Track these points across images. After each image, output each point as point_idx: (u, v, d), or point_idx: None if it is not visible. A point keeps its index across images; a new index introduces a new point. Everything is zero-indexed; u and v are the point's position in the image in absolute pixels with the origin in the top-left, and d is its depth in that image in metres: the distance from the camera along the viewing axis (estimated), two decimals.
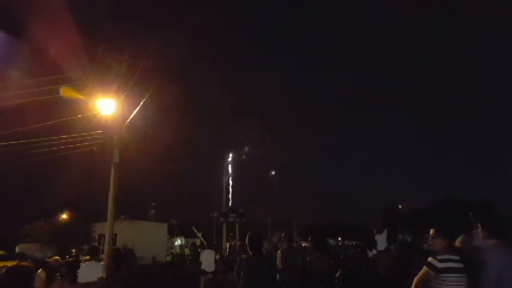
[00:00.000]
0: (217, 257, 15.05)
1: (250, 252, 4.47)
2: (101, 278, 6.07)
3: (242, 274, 4.30)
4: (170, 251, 41.79)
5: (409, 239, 13.74)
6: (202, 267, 11.33)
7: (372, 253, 11.96)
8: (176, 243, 47.10)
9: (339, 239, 55.22)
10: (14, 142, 12.19)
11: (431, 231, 3.73)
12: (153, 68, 13.11)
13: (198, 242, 40.56)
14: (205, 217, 45.79)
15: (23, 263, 3.07)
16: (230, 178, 35.14)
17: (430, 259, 3.45)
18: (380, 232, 11.38)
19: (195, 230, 42.53)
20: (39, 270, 8.19)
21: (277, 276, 7.74)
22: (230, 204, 33.03)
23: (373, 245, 11.75)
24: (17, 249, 34.18)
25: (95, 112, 12.79)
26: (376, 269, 9.99)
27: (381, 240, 11.71)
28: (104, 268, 6.35)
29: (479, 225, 3.81)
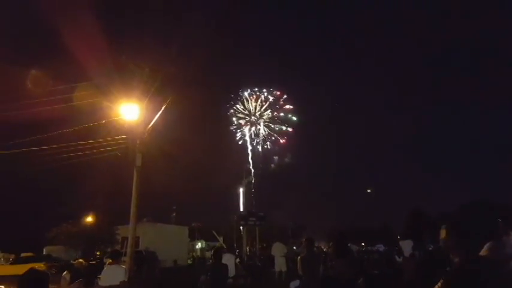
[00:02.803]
0: (237, 261, 15.01)
1: (214, 260, 6.58)
2: (123, 281, 6.12)
3: (208, 274, 6.44)
4: (191, 254, 42.08)
5: (430, 247, 13.26)
6: None
7: (398, 259, 11.67)
8: (197, 247, 47.41)
9: (362, 244, 54.16)
10: (45, 147, 12.58)
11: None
12: (174, 74, 13.30)
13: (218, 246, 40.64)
14: (226, 220, 45.97)
15: (38, 268, 3.14)
16: (250, 180, 35.18)
17: (448, 270, 3.27)
18: (404, 239, 11.11)
19: (216, 235, 42.66)
20: (65, 272, 8.39)
21: (298, 283, 7.64)
22: (249, 207, 33.03)
23: (400, 251, 11.43)
24: (44, 251, 35.18)
25: (118, 117, 13.05)
26: (401, 275, 9.72)
27: (406, 247, 11.40)
28: (126, 271, 6.40)
29: (510, 231, 3.61)
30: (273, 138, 64.34)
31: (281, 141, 62.03)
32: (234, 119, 63.52)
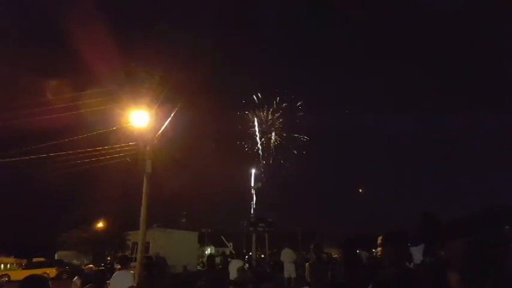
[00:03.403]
0: (245, 266, 14.97)
1: (207, 266, 7.61)
2: (132, 287, 6.17)
3: (203, 279, 7.43)
4: (201, 259, 42.13)
5: (443, 253, 12.95)
6: (230, 277, 11.31)
7: (409, 266, 11.47)
8: (206, 252, 47.46)
9: (373, 250, 53.56)
10: (56, 154, 12.78)
11: None
12: (184, 80, 13.44)
13: (227, 252, 40.70)
14: (236, 226, 46.04)
15: (37, 274, 3.21)
16: (259, 186, 35.20)
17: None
18: (415, 245, 10.91)
19: (225, 240, 42.70)
20: (75, 278, 8.53)
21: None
22: (259, 212, 32.99)
23: (410, 257, 11.22)
24: (56, 256, 35.63)
25: (128, 124, 13.22)
26: (411, 283, 9.59)
27: (416, 253, 11.22)
28: (135, 277, 6.45)
29: None
30: (286, 148, 63.61)
31: (294, 151, 61.49)
32: (240, 126, 63.06)
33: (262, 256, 35.54)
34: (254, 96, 61.48)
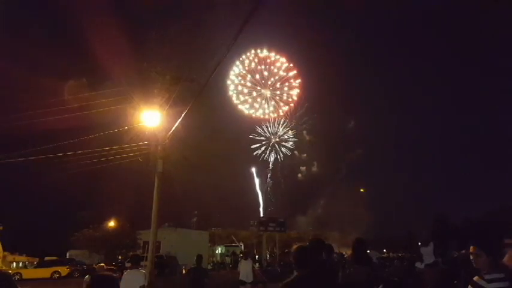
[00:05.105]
0: (256, 266, 15.00)
1: (195, 264, 8.86)
2: (143, 286, 6.17)
3: (190, 275, 8.77)
4: (211, 259, 42.26)
5: (455, 255, 12.72)
6: (240, 278, 11.32)
7: (420, 266, 11.31)
8: (217, 252, 47.63)
9: (384, 250, 53.06)
10: (69, 153, 12.96)
11: (471, 248, 3.45)
12: (195, 81, 13.49)
13: (238, 251, 40.76)
14: (246, 226, 46.04)
15: (106, 273, 3.15)
16: (270, 186, 35.16)
17: (476, 279, 3.16)
18: (425, 245, 10.75)
19: (235, 240, 42.71)
20: (87, 277, 8.65)
21: None
22: (270, 213, 32.94)
23: (420, 257, 11.08)
24: (67, 255, 36.06)
25: (140, 124, 13.33)
26: (422, 283, 9.46)
27: (427, 254, 11.05)
28: (146, 276, 6.46)
29: None
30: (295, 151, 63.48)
31: (303, 155, 61.31)
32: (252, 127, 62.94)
33: (273, 256, 35.52)
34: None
